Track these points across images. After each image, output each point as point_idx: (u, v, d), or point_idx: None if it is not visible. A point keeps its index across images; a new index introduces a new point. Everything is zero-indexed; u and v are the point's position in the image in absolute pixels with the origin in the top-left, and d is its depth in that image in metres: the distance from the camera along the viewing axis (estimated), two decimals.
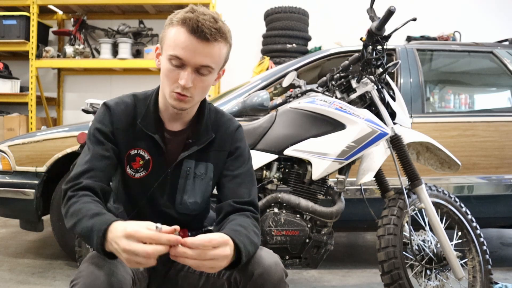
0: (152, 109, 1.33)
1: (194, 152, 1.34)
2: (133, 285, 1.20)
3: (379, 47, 2.10)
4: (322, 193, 2.13)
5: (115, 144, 1.30)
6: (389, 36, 2.07)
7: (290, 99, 2.24)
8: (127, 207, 1.38)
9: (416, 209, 2.11)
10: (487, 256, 2.18)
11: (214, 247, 1.04)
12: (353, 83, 2.16)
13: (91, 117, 2.55)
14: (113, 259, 1.08)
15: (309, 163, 2.07)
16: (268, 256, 1.21)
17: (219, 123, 1.39)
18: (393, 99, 2.24)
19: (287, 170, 2.13)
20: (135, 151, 1.32)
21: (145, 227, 1.01)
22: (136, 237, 0.99)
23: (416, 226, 2.13)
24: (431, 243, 2.09)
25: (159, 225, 1.00)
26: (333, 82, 2.19)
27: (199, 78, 1.23)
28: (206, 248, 1.02)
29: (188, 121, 1.35)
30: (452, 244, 2.07)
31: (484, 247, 2.19)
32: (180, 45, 1.19)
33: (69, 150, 2.75)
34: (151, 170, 1.33)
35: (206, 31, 1.18)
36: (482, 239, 2.20)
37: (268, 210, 2.06)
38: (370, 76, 2.14)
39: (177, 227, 1.03)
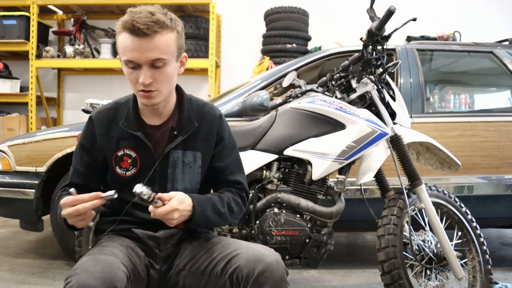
0: (132, 110, 1.40)
1: (180, 142, 1.40)
2: (128, 283, 1.20)
3: (379, 47, 2.10)
4: (322, 193, 2.13)
5: (95, 155, 1.40)
6: (389, 36, 2.07)
7: (290, 99, 2.24)
8: (120, 204, 1.39)
9: (416, 209, 2.11)
10: (487, 256, 2.18)
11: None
12: (353, 83, 2.16)
13: None
14: (76, 230, 1.32)
15: (309, 163, 2.07)
16: (269, 254, 1.23)
17: (202, 112, 1.45)
18: (393, 99, 2.24)
19: (287, 170, 2.13)
20: (122, 152, 1.39)
21: (67, 197, 1.21)
22: (67, 204, 1.20)
23: (416, 226, 2.13)
24: (431, 243, 2.09)
25: (72, 190, 1.23)
26: (333, 82, 2.19)
27: (157, 72, 1.29)
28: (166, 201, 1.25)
29: (169, 114, 1.42)
30: (452, 244, 2.07)
31: (484, 247, 2.19)
32: (127, 48, 1.26)
33: (69, 150, 2.74)
34: (140, 166, 1.39)
35: (142, 26, 1.23)
36: (482, 239, 2.20)
37: (268, 210, 2.06)
38: (370, 76, 2.14)
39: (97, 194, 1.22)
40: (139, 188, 1.19)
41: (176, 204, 1.25)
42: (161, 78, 1.30)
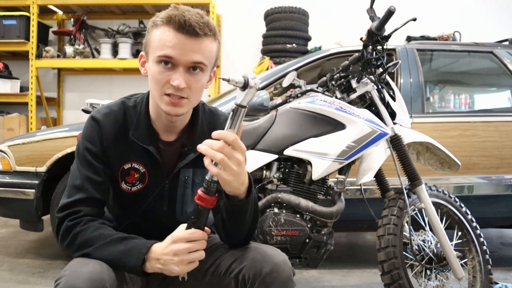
0: (143, 119, 1.26)
1: (191, 160, 1.29)
2: (121, 284, 1.17)
3: (379, 47, 2.10)
4: (322, 193, 2.12)
5: (106, 163, 1.25)
6: (389, 36, 2.07)
7: (290, 99, 2.24)
8: (120, 218, 1.35)
9: (416, 209, 2.11)
10: (487, 256, 2.18)
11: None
12: (353, 83, 2.16)
13: None
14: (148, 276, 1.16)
15: (309, 163, 2.07)
16: (276, 254, 1.20)
17: (215, 125, 1.32)
18: (393, 99, 2.24)
19: (287, 170, 2.13)
20: (129, 165, 1.27)
21: (182, 229, 1.12)
22: (184, 239, 1.11)
23: (416, 226, 2.13)
24: (431, 243, 2.09)
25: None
26: (333, 82, 2.19)
27: (192, 78, 1.16)
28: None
29: (182, 129, 1.29)
30: (452, 244, 2.07)
31: (484, 247, 2.19)
32: (168, 44, 1.13)
33: (69, 150, 2.74)
34: (147, 183, 1.29)
35: (195, 25, 1.12)
36: (482, 239, 2.20)
37: (268, 210, 2.06)
38: (370, 76, 2.14)
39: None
40: (255, 79, 1.03)
41: (244, 154, 1.07)
42: (195, 86, 1.17)
